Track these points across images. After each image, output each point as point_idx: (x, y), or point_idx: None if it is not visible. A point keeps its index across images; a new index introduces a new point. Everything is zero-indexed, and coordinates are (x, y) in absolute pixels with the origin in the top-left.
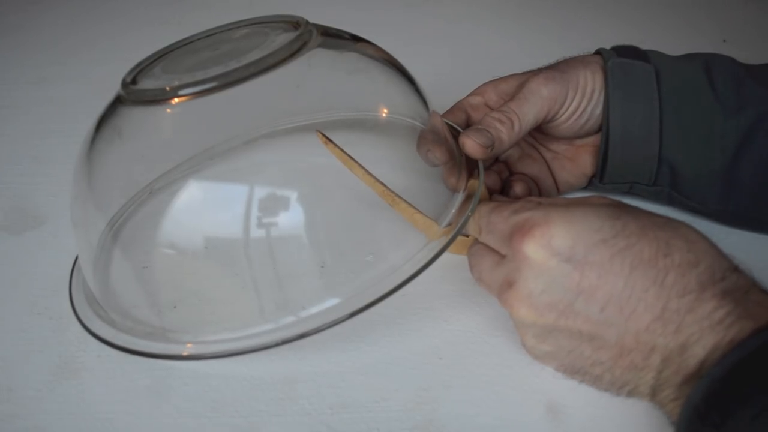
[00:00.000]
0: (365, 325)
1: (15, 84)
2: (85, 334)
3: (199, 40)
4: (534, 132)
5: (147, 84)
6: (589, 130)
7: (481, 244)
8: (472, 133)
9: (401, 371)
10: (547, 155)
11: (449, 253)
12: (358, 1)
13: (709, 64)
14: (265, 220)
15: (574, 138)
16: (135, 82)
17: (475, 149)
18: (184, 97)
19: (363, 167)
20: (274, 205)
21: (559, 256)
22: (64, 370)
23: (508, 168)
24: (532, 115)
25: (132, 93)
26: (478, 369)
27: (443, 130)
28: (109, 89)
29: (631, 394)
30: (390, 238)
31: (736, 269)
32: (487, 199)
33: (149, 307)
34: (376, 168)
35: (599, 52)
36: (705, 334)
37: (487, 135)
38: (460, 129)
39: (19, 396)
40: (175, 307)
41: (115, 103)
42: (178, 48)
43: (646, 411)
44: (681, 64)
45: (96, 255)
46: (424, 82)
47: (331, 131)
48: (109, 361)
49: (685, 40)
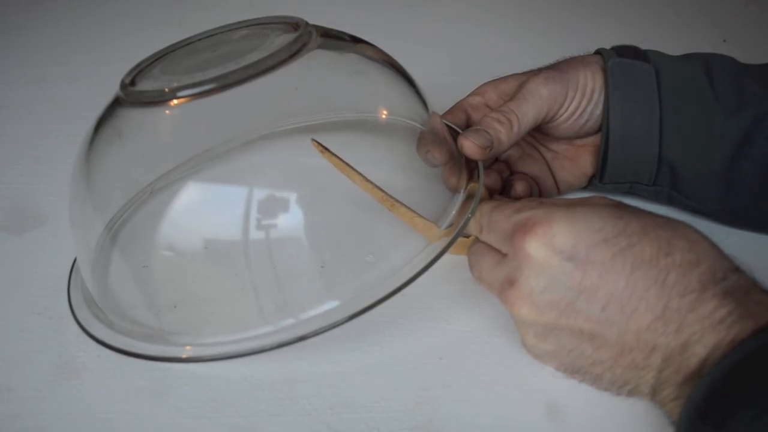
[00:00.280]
0: (365, 325)
1: (15, 84)
2: (86, 335)
3: (198, 41)
4: (534, 132)
5: (146, 85)
6: (589, 130)
7: (481, 243)
8: (470, 134)
9: (401, 371)
10: (547, 155)
11: (449, 254)
12: (357, 1)
13: (709, 64)
14: (264, 221)
15: (574, 138)
16: (134, 83)
17: (473, 150)
18: (183, 99)
19: (360, 174)
20: (273, 207)
21: (561, 255)
22: (64, 370)
23: (508, 167)
24: (531, 115)
25: (131, 94)
26: (478, 369)
27: (443, 130)
28: (110, 89)
29: (631, 394)
30: (390, 239)
31: (737, 269)
32: (488, 199)
33: (148, 309)
34: (376, 169)
35: (599, 52)
36: (706, 334)
37: (486, 136)
38: (459, 130)
39: (19, 396)
40: (174, 307)
41: (114, 105)
42: (177, 49)
43: (645, 411)
44: (681, 64)
45: (95, 256)
46: (423, 83)
47: (331, 132)
48: (109, 362)
49: (685, 40)
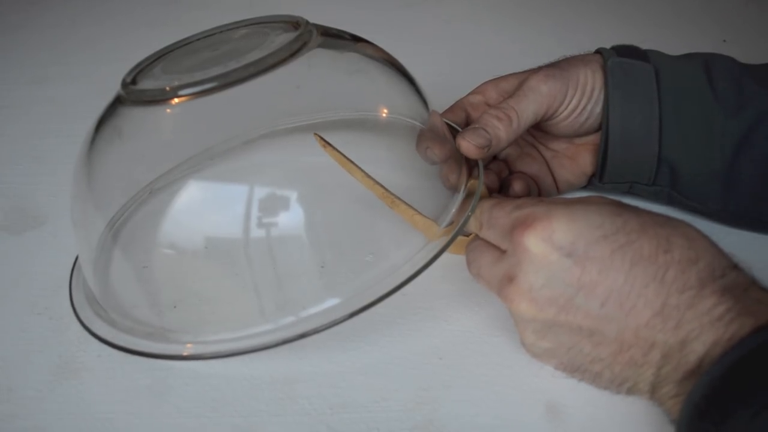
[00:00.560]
0: (365, 325)
1: (15, 84)
2: (86, 334)
3: (198, 40)
4: (533, 130)
5: (147, 84)
6: (588, 128)
7: (480, 240)
8: (467, 134)
9: (401, 371)
10: (546, 154)
11: (449, 253)
12: (358, 0)
13: (708, 64)
14: (265, 220)
15: (573, 136)
16: (135, 82)
17: (471, 150)
18: (184, 98)
19: (362, 170)
20: (274, 205)
21: (561, 251)
22: (64, 370)
23: (507, 166)
24: (531, 112)
25: (132, 93)
26: (478, 369)
27: (442, 128)
28: (110, 89)
29: (630, 392)
30: (390, 237)
31: (735, 267)
32: (488, 197)
33: (149, 307)
34: (376, 168)
35: (599, 52)
36: (705, 331)
37: (483, 135)
38: (459, 128)
39: (19, 396)
40: (175, 306)
41: (115, 103)
42: (177, 48)
43: (645, 410)
44: (681, 63)
45: (96, 255)
46: (424, 82)
47: (331, 131)
48: (109, 361)
49: (685, 40)
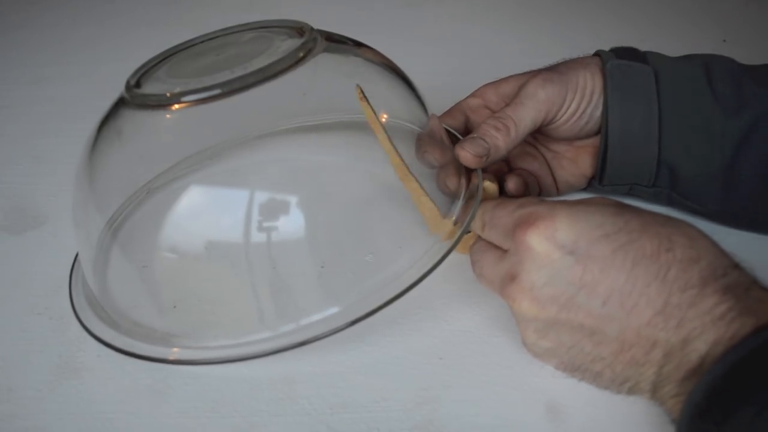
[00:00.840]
0: (365, 325)
1: (15, 84)
2: (86, 334)
3: (203, 42)
4: (534, 133)
5: (151, 88)
6: (589, 131)
7: (483, 241)
8: (466, 144)
9: (401, 371)
10: (547, 154)
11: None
12: (358, 1)
13: (708, 65)
14: (265, 223)
15: (574, 139)
16: (139, 84)
17: (469, 159)
18: (188, 103)
19: (386, 133)
20: (274, 208)
21: (563, 249)
22: (64, 370)
23: (507, 164)
24: (529, 119)
25: (136, 97)
26: (478, 369)
27: (441, 133)
28: (110, 89)
29: (631, 391)
30: (391, 242)
31: (737, 266)
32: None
33: (149, 307)
34: (375, 168)
35: (598, 54)
36: (706, 329)
37: (482, 144)
38: (459, 135)
39: (19, 396)
40: (175, 307)
41: (119, 105)
42: (182, 50)
43: (646, 410)
44: (680, 65)
45: (95, 254)
46: (423, 83)
47: (332, 133)
48: (109, 361)
49: (685, 40)
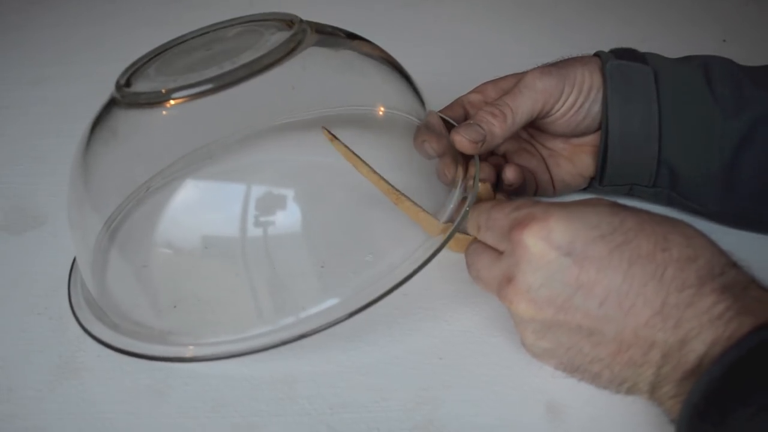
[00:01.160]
0: (365, 324)
1: (15, 84)
2: (85, 335)
3: (192, 39)
4: (531, 129)
5: (141, 86)
6: (586, 128)
7: (478, 243)
8: (461, 129)
9: (401, 371)
10: (543, 152)
11: (451, 252)
12: (357, 1)
13: (707, 66)
14: (263, 219)
15: (571, 136)
16: (129, 83)
17: (465, 145)
18: (179, 100)
19: (367, 165)
20: (272, 205)
21: (559, 250)
22: (64, 370)
23: (505, 162)
24: (526, 108)
25: (126, 96)
26: (478, 369)
27: (440, 125)
28: (110, 89)
29: (630, 392)
30: (388, 236)
31: (734, 265)
32: (491, 198)
33: (148, 308)
34: (374, 165)
35: (597, 55)
36: (704, 329)
37: (478, 130)
38: (456, 124)
39: (19, 396)
40: (175, 307)
41: (110, 105)
42: (171, 48)
43: (646, 410)
44: (679, 66)
45: (94, 256)
46: (422, 82)
47: (328, 127)
48: (109, 361)
49: (685, 40)
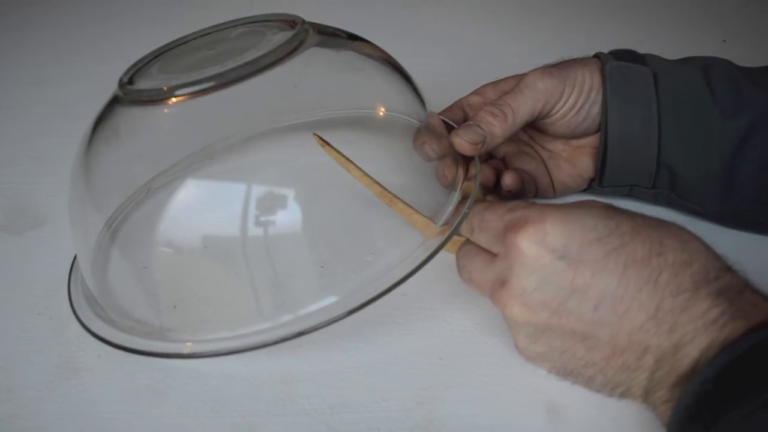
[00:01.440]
0: (365, 324)
1: (15, 84)
2: (85, 334)
3: (195, 39)
4: (531, 131)
5: (144, 84)
6: (585, 130)
7: (471, 244)
8: (461, 131)
9: (401, 371)
10: (543, 154)
11: (449, 253)
12: (357, 1)
13: (706, 67)
14: (263, 218)
15: (570, 137)
16: (132, 82)
17: (465, 146)
18: (182, 97)
19: (360, 169)
20: (272, 204)
21: (553, 253)
22: (64, 370)
23: (504, 165)
24: (527, 108)
25: (129, 93)
26: (478, 369)
27: (440, 127)
28: (111, 89)
29: (623, 396)
30: (387, 236)
31: (729, 269)
32: (482, 200)
33: (148, 307)
34: (373, 166)
35: (597, 56)
36: (699, 334)
37: (477, 131)
38: (456, 126)
39: (19, 396)
40: (175, 307)
41: (113, 103)
42: (174, 47)
43: (645, 410)
44: (679, 67)
45: (94, 255)
46: (422, 83)
47: (329, 129)
48: (109, 361)
49: (685, 40)
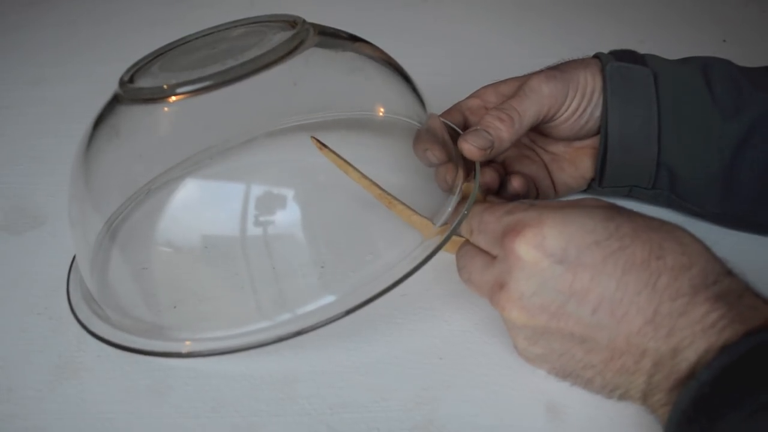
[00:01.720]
0: (365, 324)
1: (15, 84)
2: (85, 334)
3: (196, 39)
4: (532, 134)
5: (144, 82)
6: (588, 132)
7: (470, 245)
8: (469, 136)
9: (401, 371)
10: (545, 157)
11: (449, 253)
12: (357, 1)
13: (707, 68)
14: (262, 218)
15: (573, 139)
16: (132, 80)
17: (473, 152)
18: (182, 96)
19: (359, 171)
20: (271, 204)
21: (552, 258)
22: (64, 370)
23: (505, 168)
24: (532, 112)
25: (129, 91)
26: (478, 369)
27: (441, 130)
28: (109, 89)
29: (622, 398)
30: (386, 236)
31: (729, 273)
32: (482, 201)
33: (148, 306)
34: (372, 167)
35: (597, 57)
36: (697, 338)
37: (485, 136)
38: (459, 130)
39: (19, 396)
40: (175, 307)
41: (113, 102)
42: (175, 47)
43: (645, 410)
44: (679, 67)
45: (94, 254)
46: (422, 83)
47: (328, 131)
48: (108, 361)
49: (685, 41)
